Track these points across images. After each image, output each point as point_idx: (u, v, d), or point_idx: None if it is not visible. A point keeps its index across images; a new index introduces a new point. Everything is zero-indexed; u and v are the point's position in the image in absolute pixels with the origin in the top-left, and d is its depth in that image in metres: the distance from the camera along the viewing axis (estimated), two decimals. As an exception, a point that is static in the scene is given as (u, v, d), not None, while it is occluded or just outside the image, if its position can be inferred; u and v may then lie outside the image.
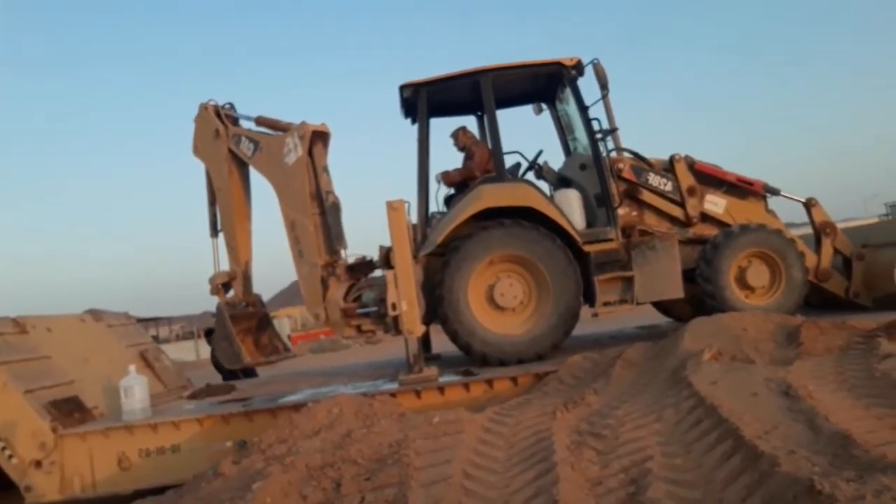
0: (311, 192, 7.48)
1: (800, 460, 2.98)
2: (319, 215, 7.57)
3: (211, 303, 8.33)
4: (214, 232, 8.40)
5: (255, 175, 8.22)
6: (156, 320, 48.64)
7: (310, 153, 7.49)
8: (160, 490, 6.00)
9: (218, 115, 8.09)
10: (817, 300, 7.76)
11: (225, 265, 8.31)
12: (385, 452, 3.97)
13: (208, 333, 11.52)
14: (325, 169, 7.59)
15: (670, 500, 3.04)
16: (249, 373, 9.81)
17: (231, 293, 8.22)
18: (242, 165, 8.13)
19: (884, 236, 7.62)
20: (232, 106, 8.22)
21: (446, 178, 7.74)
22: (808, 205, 7.66)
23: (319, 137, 7.58)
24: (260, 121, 7.97)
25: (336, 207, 7.51)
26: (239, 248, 8.16)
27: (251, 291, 8.34)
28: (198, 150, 8.30)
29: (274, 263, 8.39)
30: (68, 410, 6.58)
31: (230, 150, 7.98)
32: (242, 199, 8.27)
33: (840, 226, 7.87)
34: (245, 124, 8.16)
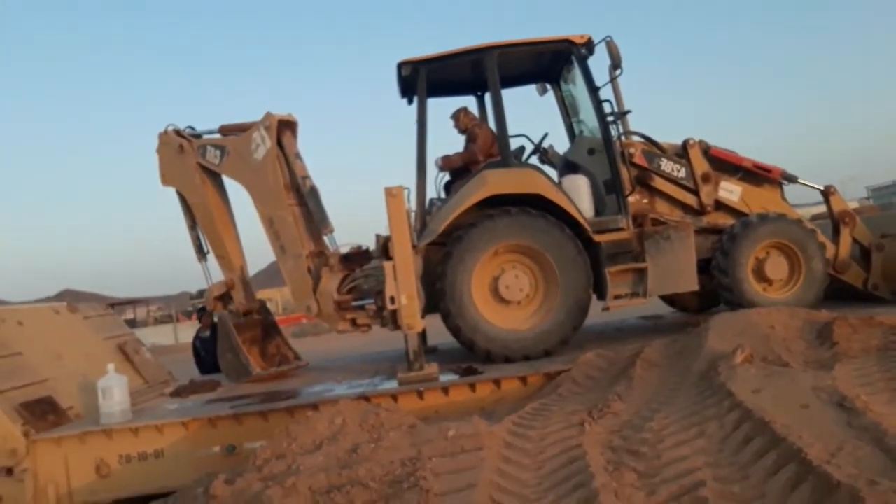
0: (285, 183, 7.12)
1: (887, 494, 2.59)
2: (298, 206, 7.19)
3: (189, 282, 7.85)
4: (202, 255, 7.95)
5: (229, 184, 7.80)
6: (133, 302, 47.94)
7: (279, 143, 7.09)
8: (143, 500, 5.60)
9: (179, 134, 7.65)
10: (832, 291, 7.42)
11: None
12: (398, 472, 3.55)
13: (200, 312, 10.84)
14: (298, 155, 7.20)
15: (737, 539, 2.64)
16: None
17: (231, 305, 7.73)
18: (214, 176, 7.68)
19: (905, 226, 7.27)
20: (192, 127, 7.77)
21: (447, 162, 7.29)
22: (827, 193, 7.31)
23: (287, 126, 7.19)
24: (223, 129, 7.55)
25: (315, 192, 7.13)
26: (230, 255, 7.69)
27: (254, 297, 7.87)
28: (165, 177, 7.80)
29: (250, 244, 7.91)
30: (41, 412, 6.08)
31: (198, 164, 7.52)
32: (222, 206, 7.80)
33: (818, 209, 7.58)
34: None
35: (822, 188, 7.34)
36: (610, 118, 6.87)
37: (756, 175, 7.23)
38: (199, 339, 10.25)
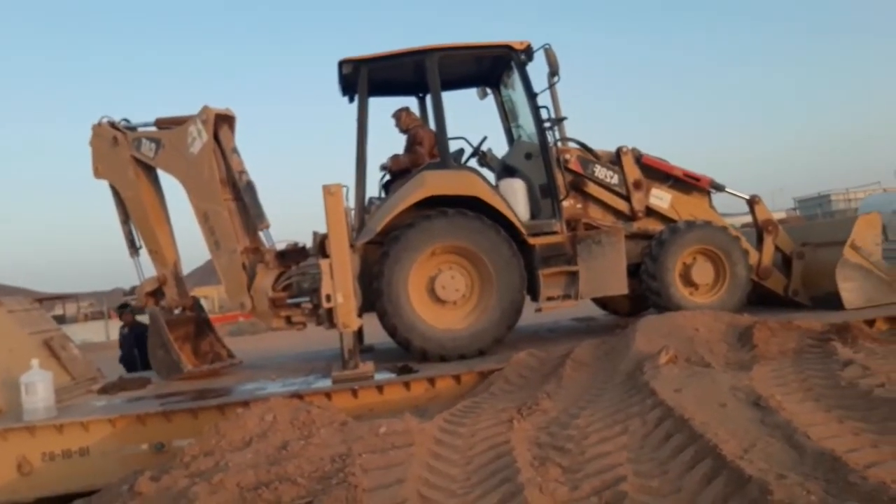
0: (221, 178, 7.07)
1: (793, 487, 2.74)
2: (233, 200, 7.15)
3: (123, 278, 7.69)
4: (134, 250, 7.78)
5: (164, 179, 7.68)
6: (62, 298, 46.28)
7: (216, 138, 7.04)
8: (66, 499, 5.46)
9: (113, 126, 7.50)
10: (755, 296, 7.72)
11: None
12: (328, 469, 3.57)
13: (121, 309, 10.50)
14: (235, 150, 7.17)
15: (653, 530, 2.75)
16: None
17: (163, 301, 7.60)
18: (149, 170, 7.53)
19: (823, 235, 7.61)
20: (127, 120, 7.61)
21: (395, 163, 7.32)
22: (752, 202, 7.59)
23: (224, 120, 7.16)
24: (159, 122, 7.43)
25: (251, 187, 7.11)
26: (164, 250, 7.56)
27: (186, 294, 7.76)
28: (98, 170, 7.61)
29: (187, 241, 7.81)
30: (-40, 409, 5.89)
31: (132, 157, 7.38)
32: (156, 201, 7.66)
33: (748, 218, 7.93)
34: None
35: (747, 197, 7.62)
36: (547, 124, 7.00)
37: (686, 183, 7.47)
38: (121, 335, 10.16)
